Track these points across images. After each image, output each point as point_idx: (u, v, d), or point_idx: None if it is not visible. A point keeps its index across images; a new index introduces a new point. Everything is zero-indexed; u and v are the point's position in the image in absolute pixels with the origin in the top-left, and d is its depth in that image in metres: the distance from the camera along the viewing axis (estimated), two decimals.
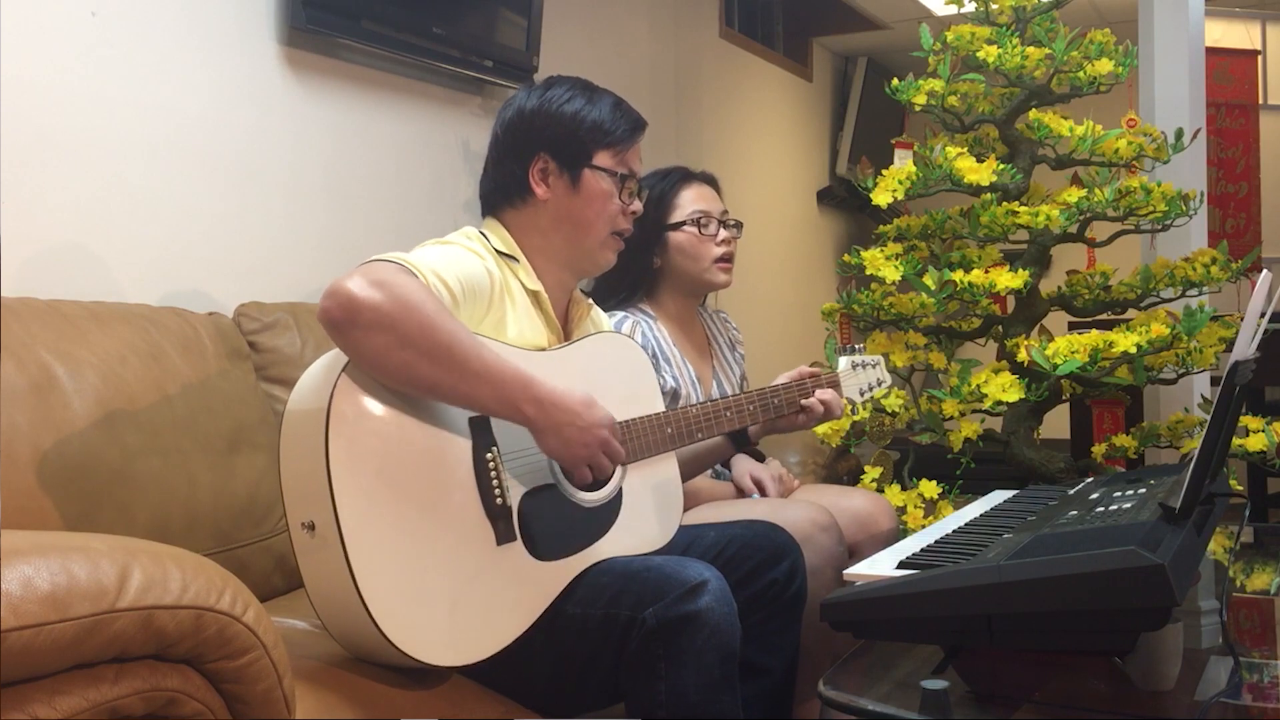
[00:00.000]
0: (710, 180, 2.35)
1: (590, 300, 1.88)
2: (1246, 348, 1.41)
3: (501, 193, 1.75)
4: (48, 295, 1.78)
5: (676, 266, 2.27)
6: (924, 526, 2.29)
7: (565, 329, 1.79)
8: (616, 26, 3.65)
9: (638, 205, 1.78)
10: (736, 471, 2.29)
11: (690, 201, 2.27)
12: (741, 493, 2.26)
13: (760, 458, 2.38)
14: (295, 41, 2.40)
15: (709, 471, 2.28)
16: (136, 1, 2.08)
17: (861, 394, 2.08)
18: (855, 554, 2.16)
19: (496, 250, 1.69)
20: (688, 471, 1.98)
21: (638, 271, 2.24)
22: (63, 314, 1.71)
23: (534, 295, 1.71)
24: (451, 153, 2.87)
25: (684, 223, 2.25)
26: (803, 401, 1.93)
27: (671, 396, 2.17)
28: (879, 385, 2.12)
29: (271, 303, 2.15)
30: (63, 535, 1.16)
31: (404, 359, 1.40)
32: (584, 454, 1.55)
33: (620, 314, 2.22)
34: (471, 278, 1.58)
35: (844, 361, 2.08)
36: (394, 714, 1.40)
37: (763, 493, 2.23)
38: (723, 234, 2.28)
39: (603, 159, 1.72)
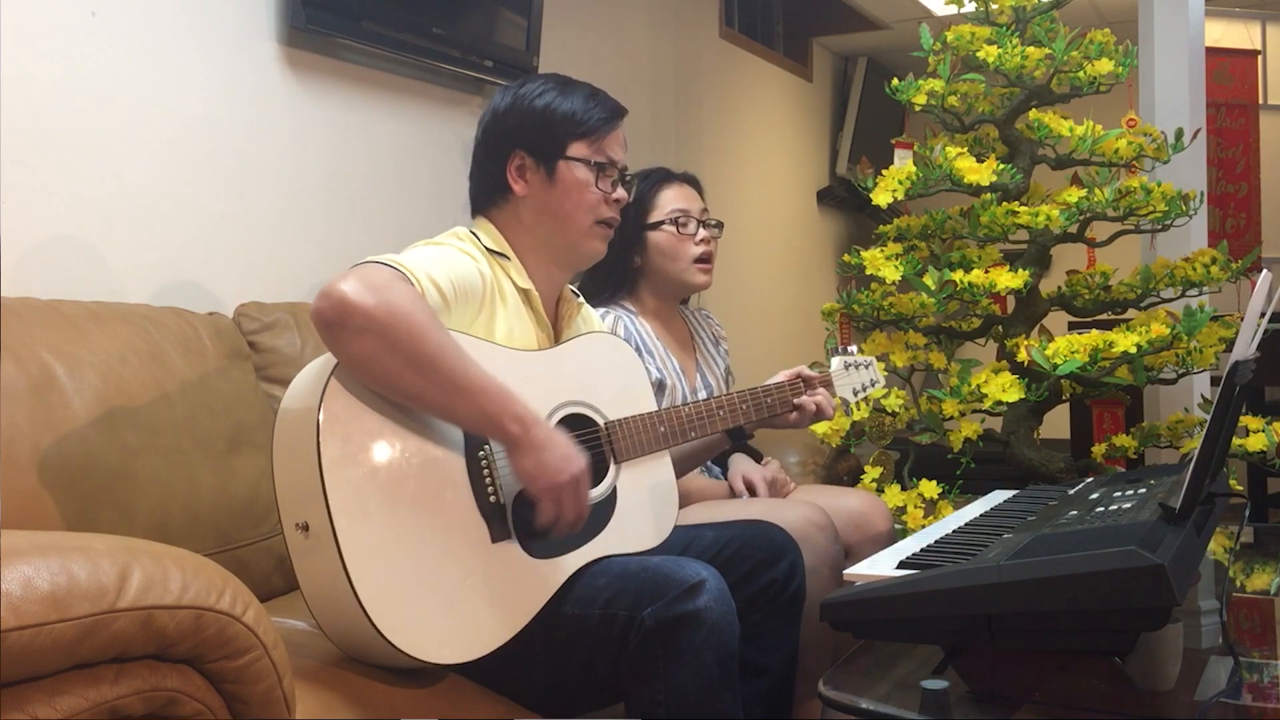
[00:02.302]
0: (691, 180, 2.35)
1: (581, 299, 1.88)
2: (1246, 348, 1.41)
3: (485, 193, 1.76)
4: (48, 295, 1.78)
5: (656, 266, 2.27)
6: (924, 526, 2.29)
7: (555, 327, 1.79)
8: (616, 26, 3.65)
9: (622, 193, 1.77)
10: (731, 472, 2.29)
11: (670, 201, 2.28)
12: (734, 492, 2.27)
13: (758, 457, 2.38)
14: (295, 41, 2.40)
15: (700, 469, 2.28)
16: (136, 1, 2.08)
17: (855, 394, 2.09)
18: (851, 555, 2.16)
19: (487, 249, 1.69)
20: (683, 467, 1.99)
21: (619, 271, 2.25)
22: (63, 314, 1.71)
23: (524, 294, 1.71)
24: (451, 153, 2.86)
25: (663, 222, 2.26)
26: (795, 401, 1.93)
27: (658, 387, 2.17)
28: (873, 385, 2.13)
29: (271, 303, 2.15)
30: (63, 535, 1.16)
31: (390, 367, 1.40)
32: (558, 482, 1.49)
33: (601, 310, 2.23)
34: (464, 279, 1.58)
35: (836, 362, 2.09)
36: (394, 714, 1.40)
37: (753, 494, 2.24)
38: (702, 233, 2.28)
39: (577, 149, 1.72)
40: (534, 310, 1.72)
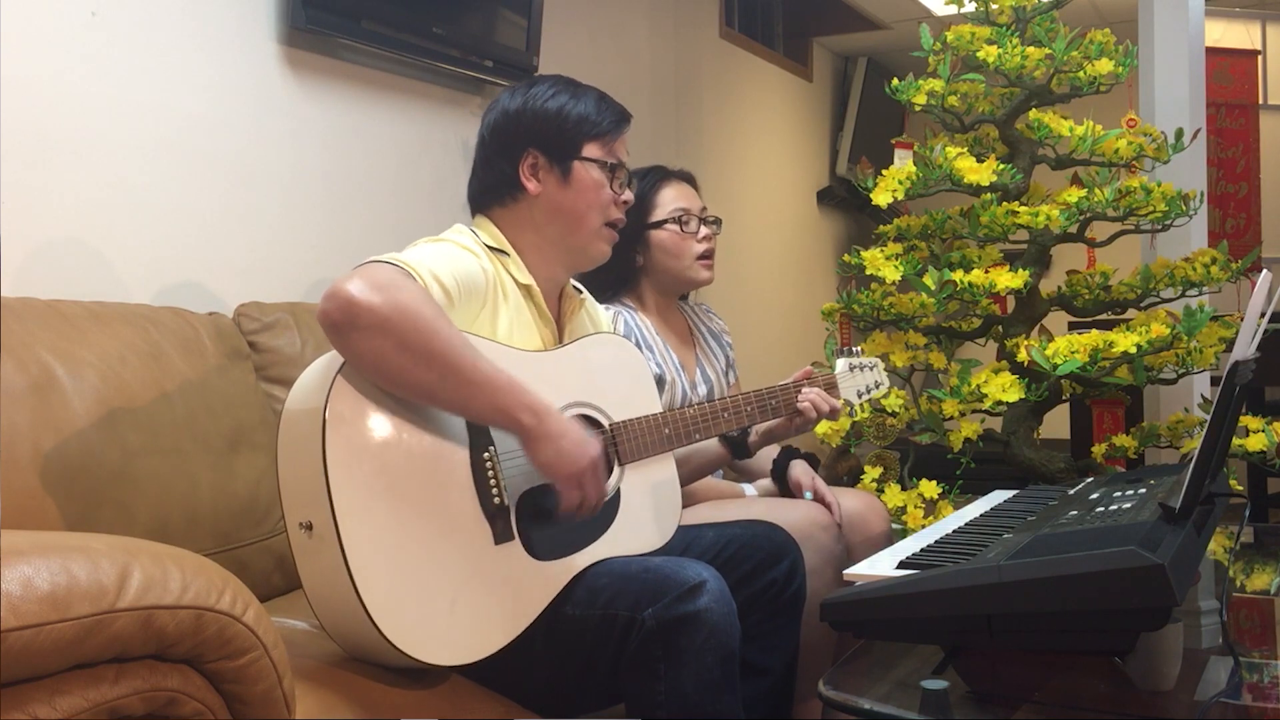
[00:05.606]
0: (688, 178, 2.37)
1: (584, 294, 1.88)
2: (1246, 348, 1.42)
3: (492, 192, 1.76)
4: (48, 295, 1.78)
5: (659, 264, 2.29)
6: (924, 526, 2.29)
7: (558, 323, 1.79)
8: (616, 26, 3.65)
9: (629, 195, 1.79)
10: (792, 475, 2.24)
11: (671, 200, 2.29)
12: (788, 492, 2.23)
13: (815, 464, 2.31)
14: (295, 41, 2.40)
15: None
16: (136, 1, 2.08)
17: (859, 395, 2.09)
18: (848, 555, 2.16)
19: (488, 246, 1.70)
20: (685, 478, 1.98)
21: (621, 269, 2.25)
22: (63, 314, 1.71)
23: (526, 289, 1.72)
24: (451, 153, 2.87)
25: (665, 221, 2.27)
26: (799, 405, 1.93)
27: (657, 383, 2.18)
28: (877, 387, 2.12)
29: (271, 303, 2.15)
30: (63, 535, 1.16)
31: (401, 364, 1.40)
32: (576, 469, 1.51)
33: (603, 307, 2.23)
34: (467, 275, 1.58)
35: (841, 363, 2.08)
36: (394, 714, 1.40)
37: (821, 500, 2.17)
38: (703, 231, 2.30)
39: (591, 150, 1.73)
40: (536, 306, 1.73)
